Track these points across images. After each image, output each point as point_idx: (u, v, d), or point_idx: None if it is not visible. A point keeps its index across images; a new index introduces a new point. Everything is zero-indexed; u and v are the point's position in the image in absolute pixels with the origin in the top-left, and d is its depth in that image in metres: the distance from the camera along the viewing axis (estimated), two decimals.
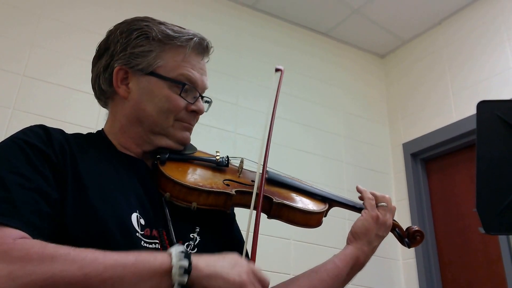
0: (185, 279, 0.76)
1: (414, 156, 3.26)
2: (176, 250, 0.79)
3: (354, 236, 1.16)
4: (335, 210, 1.23)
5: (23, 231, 0.76)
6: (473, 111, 1.20)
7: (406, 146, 3.32)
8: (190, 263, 0.77)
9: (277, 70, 1.18)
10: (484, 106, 1.17)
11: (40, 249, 0.72)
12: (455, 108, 3.05)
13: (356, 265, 1.14)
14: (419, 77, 3.40)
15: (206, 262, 0.80)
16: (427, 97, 3.28)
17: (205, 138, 2.70)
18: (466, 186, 2.95)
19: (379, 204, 1.20)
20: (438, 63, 3.28)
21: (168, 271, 0.76)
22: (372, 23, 3.38)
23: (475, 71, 3.00)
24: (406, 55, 3.57)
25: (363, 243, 1.15)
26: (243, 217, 1.00)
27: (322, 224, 1.16)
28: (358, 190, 1.23)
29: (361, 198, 1.22)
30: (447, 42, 3.27)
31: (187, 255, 0.78)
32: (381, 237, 1.18)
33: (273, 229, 1.90)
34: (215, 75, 2.90)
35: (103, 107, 1.12)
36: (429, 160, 3.24)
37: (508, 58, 2.84)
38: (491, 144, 1.16)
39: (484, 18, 3.06)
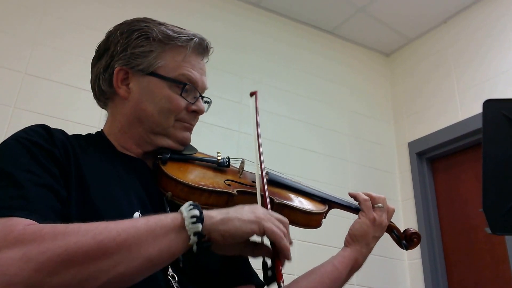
0: (199, 226, 0.77)
1: (420, 155, 3.24)
2: (185, 205, 0.80)
3: (352, 238, 1.18)
4: (338, 210, 1.24)
5: (33, 220, 0.75)
6: (479, 110, 1.19)
7: (411, 145, 3.30)
8: (201, 212, 0.78)
9: (251, 94, 1.19)
10: (490, 105, 1.16)
11: (51, 228, 0.72)
12: (461, 107, 3.03)
13: (354, 267, 1.16)
14: (425, 75, 3.38)
15: (217, 211, 0.82)
16: (433, 95, 3.26)
17: (208, 136, 2.70)
18: (472, 185, 2.93)
19: (376, 205, 1.21)
20: (444, 61, 3.25)
21: (181, 225, 0.77)
22: (377, 22, 3.36)
23: (481, 69, 2.98)
24: (411, 53, 3.55)
25: (362, 245, 1.16)
26: None
27: (321, 225, 1.17)
28: (352, 195, 1.24)
29: (356, 201, 1.23)
30: (452, 40, 3.24)
31: (196, 206, 0.79)
32: (377, 238, 1.19)
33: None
34: (219, 73, 2.90)
35: (102, 108, 1.13)
36: (435, 159, 3.21)
37: None
38: (497, 143, 1.15)
39: (490, 17, 3.03)
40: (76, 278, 0.69)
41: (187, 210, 0.78)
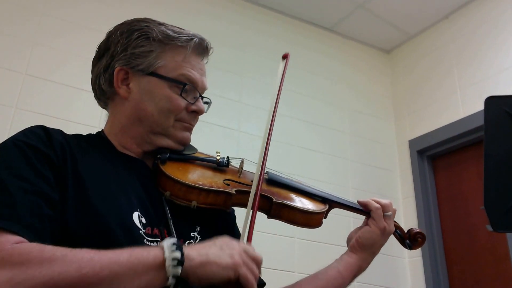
0: (179, 270, 0.77)
1: (421, 153, 3.23)
2: (168, 243, 0.80)
3: (360, 246, 1.17)
4: (339, 208, 1.23)
5: (21, 235, 0.77)
6: (480, 107, 1.18)
7: (412, 143, 3.29)
8: (182, 254, 0.79)
9: (284, 57, 1.19)
10: (492, 102, 1.15)
11: (39, 252, 0.74)
12: (463, 104, 3.02)
13: (358, 272, 1.16)
14: (426, 72, 3.36)
15: (197, 251, 0.82)
16: (434, 93, 3.25)
17: (208, 135, 2.70)
18: (473, 183, 2.92)
19: (385, 214, 1.18)
20: (445, 58, 3.24)
21: (162, 264, 0.78)
22: (377, 18, 3.35)
23: (483, 66, 2.97)
24: (412, 50, 3.54)
25: (368, 253, 1.17)
26: (243, 217, 0.99)
27: (322, 225, 1.16)
28: (362, 203, 1.21)
29: (367, 209, 1.20)
30: (454, 37, 3.23)
31: (178, 247, 0.80)
32: (383, 245, 1.19)
33: (277, 227, 1.89)
34: (218, 72, 2.89)
35: (103, 107, 1.13)
36: (436, 157, 3.21)
37: None
38: (499, 140, 1.14)
39: (491, 13, 3.02)
40: None
41: (169, 250, 0.79)
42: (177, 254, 0.78)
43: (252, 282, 0.83)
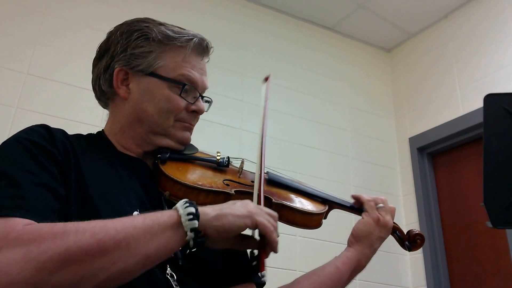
0: (196, 223, 0.78)
1: (421, 150, 3.24)
2: (180, 203, 0.82)
3: (356, 238, 1.17)
4: None
5: (32, 220, 0.76)
6: (480, 104, 1.19)
7: (412, 140, 3.30)
8: (196, 209, 0.80)
9: (265, 79, 1.20)
10: (491, 99, 1.16)
11: (50, 227, 0.73)
12: (462, 101, 3.03)
13: (357, 268, 1.15)
14: (426, 71, 3.37)
15: (211, 207, 0.84)
16: (434, 91, 3.26)
17: (210, 134, 2.70)
18: (473, 180, 2.93)
19: (377, 206, 1.20)
20: (445, 56, 3.25)
21: (178, 222, 0.79)
22: (377, 17, 3.36)
23: (482, 64, 2.98)
24: (412, 49, 3.55)
25: (365, 245, 1.16)
26: None
27: (324, 223, 1.16)
28: (354, 197, 1.23)
29: (359, 202, 1.22)
30: (453, 35, 3.24)
31: (191, 204, 0.81)
32: (382, 239, 1.19)
33: (278, 225, 1.89)
34: (220, 71, 2.90)
35: (104, 107, 1.13)
36: (436, 154, 3.22)
37: None
38: (498, 137, 1.15)
39: (490, 11, 3.03)
40: (76, 276, 0.70)
41: (182, 207, 0.80)
42: (192, 209, 0.79)
43: (270, 228, 0.86)
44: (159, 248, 0.77)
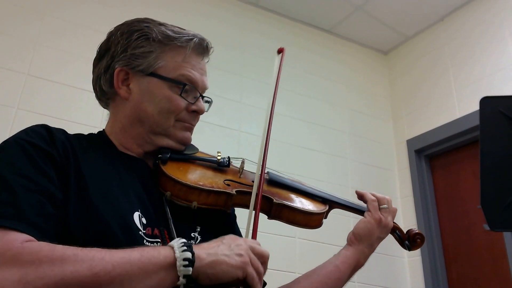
0: (190, 270, 0.78)
1: (418, 152, 3.25)
2: (178, 242, 0.81)
3: (356, 238, 1.17)
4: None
5: (29, 234, 0.76)
6: (476, 107, 1.19)
7: (410, 142, 3.31)
8: (193, 254, 0.79)
9: (279, 51, 1.19)
10: (487, 102, 1.17)
11: (49, 251, 0.73)
12: (458, 104, 3.05)
13: (356, 267, 1.16)
14: (422, 73, 3.39)
15: (207, 251, 0.82)
16: (431, 93, 3.27)
17: (209, 136, 2.71)
18: (470, 182, 2.94)
19: (381, 206, 1.20)
20: (441, 59, 3.27)
21: (173, 264, 0.78)
22: (375, 20, 3.38)
23: (478, 67, 2.99)
24: (409, 51, 3.56)
25: (365, 245, 1.16)
26: (244, 217, 1.00)
27: (323, 225, 1.16)
28: (359, 194, 1.23)
29: (362, 200, 1.22)
30: (449, 38, 3.25)
31: (189, 247, 0.80)
32: (381, 239, 1.19)
33: (277, 227, 1.90)
34: (218, 73, 2.91)
35: (104, 108, 1.13)
36: (433, 156, 3.23)
37: (510, 53, 2.82)
38: (494, 140, 1.15)
39: (486, 14, 3.05)
40: None
41: (179, 249, 0.79)
42: (188, 255, 0.79)
43: (257, 282, 0.84)
44: (151, 287, 0.77)
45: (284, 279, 1.14)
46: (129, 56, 1.04)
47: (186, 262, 0.78)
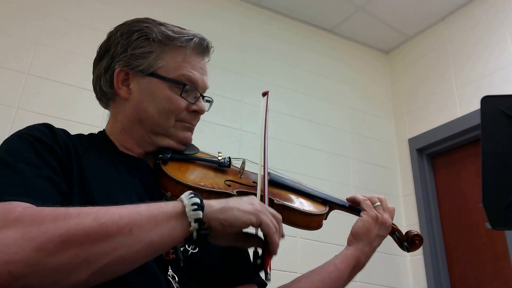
0: (200, 214, 0.78)
1: (420, 151, 3.25)
2: (185, 194, 0.81)
3: (354, 237, 1.17)
4: None
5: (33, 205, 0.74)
6: (477, 106, 1.19)
7: (411, 141, 3.31)
8: (201, 200, 0.79)
9: (264, 94, 1.18)
10: (488, 101, 1.17)
11: (52, 210, 0.71)
12: (460, 103, 3.04)
13: (357, 266, 1.15)
14: (424, 72, 3.39)
15: (217, 200, 0.83)
16: (432, 92, 3.27)
17: (210, 135, 2.71)
18: (472, 181, 2.94)
19: (375, 204, 1.20)
20: (442, 58, 3.27)
21: (182, 212, 0.78)
22: (376, 20, 3.38)
23: (479, 66, 2.99)
24: (410, 51, 3.56)
25: (364, 243, 1.16)
26: None
27: (325, 224, 1.16)
28: (350, 199, 1.24)
29: (355, 203, 1.23)
30: (450, 38, 3.25)
31: (196, 195, 0.80)
32: (381, 237, 1.19)
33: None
34: (220, 72, 2.91)
35: (105, 108, 1.13)
36: (435, 155, 3.23)
37: (511, 53, 2.83)
38: (496, 139, 1.15)
39: (487, 14, 3.05)
40: (76, 259, 0.68)
41: (187, 198, 0.79)
42: (196, 200, 0.79)
43: (273, 229, 0.84)
44: (162, 237, 0.75)
45: (286, 279, 1.14)
46: (129, 57, 1.03)
47: (195, 207, 0.77)
